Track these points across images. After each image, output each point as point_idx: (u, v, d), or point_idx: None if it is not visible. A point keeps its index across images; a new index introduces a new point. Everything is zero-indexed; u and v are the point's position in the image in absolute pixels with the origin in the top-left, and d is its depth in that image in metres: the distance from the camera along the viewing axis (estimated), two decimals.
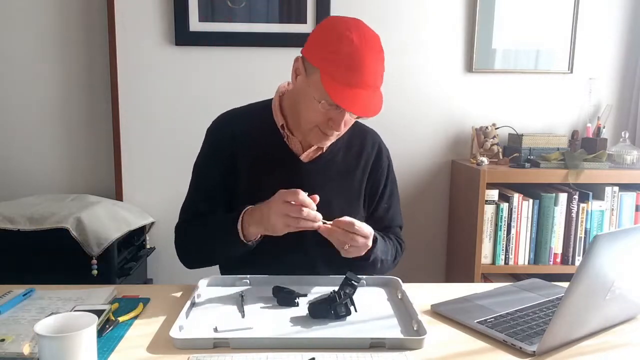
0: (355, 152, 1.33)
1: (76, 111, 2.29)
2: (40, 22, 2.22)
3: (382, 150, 1.38)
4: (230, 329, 0.97)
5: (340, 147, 1.32)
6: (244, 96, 2.25)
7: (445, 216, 2.40)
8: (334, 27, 1.14)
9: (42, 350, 0.78)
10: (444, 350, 0.93)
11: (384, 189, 1.36)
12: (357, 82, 1.10)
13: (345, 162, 1.32)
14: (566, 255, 2.12)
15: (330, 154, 1.30)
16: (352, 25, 1.13)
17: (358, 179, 1.32)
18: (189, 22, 2.19)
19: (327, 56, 1.11)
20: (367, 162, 1.34)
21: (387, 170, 1.37)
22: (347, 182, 1.31)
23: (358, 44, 1.10)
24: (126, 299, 1.14)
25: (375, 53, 1.13)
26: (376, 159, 1.35)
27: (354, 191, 1.32)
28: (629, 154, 2.12)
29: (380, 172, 1.35)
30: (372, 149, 1.35)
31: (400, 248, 1.38)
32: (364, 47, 1.10)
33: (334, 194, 1.27)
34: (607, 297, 0.94)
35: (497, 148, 2.21)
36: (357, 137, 1.35)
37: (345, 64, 1.09)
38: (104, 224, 1.89)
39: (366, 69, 1.10)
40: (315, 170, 1.28)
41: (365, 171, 1.33)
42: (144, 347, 0.93)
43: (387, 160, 1.38)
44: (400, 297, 1.14)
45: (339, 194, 1.29)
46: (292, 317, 1.04)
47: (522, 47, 2.31)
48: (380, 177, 1.36)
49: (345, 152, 1.32)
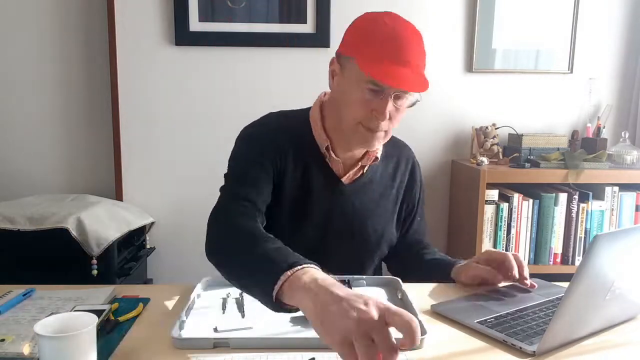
0: (391, 171, 1.31)
1: (76, 111, 2.29)
2: (40, 22, 2.22)
3: (416, 165, 1.36)
4: (230, 329, 0.97)
5: (378, 167, 1.29)
6: (244, 96, 2.27)
7: (445, 216, 2.40)
8: (367, 17, 1.13)
9: (42, 350, 0.78)
10: (443, 350, 0.93)
11: (418, 205, 1.37)
12: (396, 57, 1.06)
13: (382, 182, 1.30)
14: (566, 255, 2.12)
15: (369, 174, 1.27)
16: (385, 13, 1.12)
17: (393, 200, 1.31)
18: (189, 22, 2.19)
19: (362, 41, 1.09)
20: (402, 182, 1.33)
21: (420, 185, 1.37)
22: (383, 202, 1.29)
23: (393, 24, 1.08)
24: (126, 299, 1.14)
25: (412, 33, 1.09)
26: (410, 175, 1.34)
27: (389, 212, 1.31)
28: (629, 154, 2.12)
29: (414, 189, 1.35)
30: (406, 166, 1.34)
31: None
32: (399, 27, 1.08)
33: (372, 216, 1.26)
34: (607, 297, 0.94)
35: (497, 148, 2.21)
36: (392, 155, 1.32)
37: (382, 41, 1.06)
38: (104, 224, 1.89)
39: (404, 44, 1.06)
40: (355, 193, 1.25)
41: (400, 192, 1.33)
42: (144, 347, 0.92)
43: (420, 174, 1.37)
44: (400, 297, 1.14)
45: (376, 216, 1.28)
46: (292, 317, 1.04)
47: (522, 47, 2.31)
48: (415, 194, 1.35)
49: (383, 171, 1.30)
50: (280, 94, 2.25)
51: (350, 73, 1.10)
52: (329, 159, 1.22)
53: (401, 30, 1.07)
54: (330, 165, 1.23)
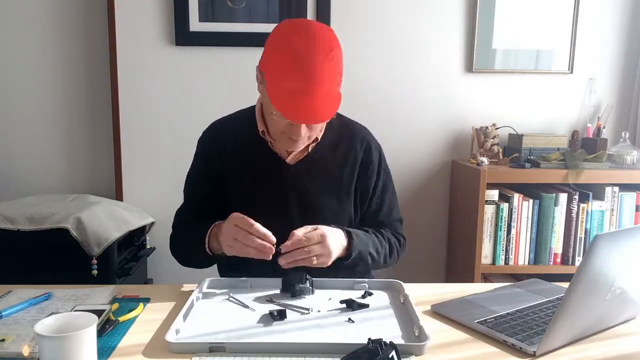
0: (342, 151, 1.32)
1: (76, 111, 2.29)
2: (40, 22, 2.22)
3: (372, 146, 1.35)
4: (227, 333, 0.97)
5: (326, 146, 1.31)
6: (244, 96, 2.25)
7: (445, 216, 2.40)
8: (280, 31, 1.13)
9: (42, 350, 0.78)
10: (444, 351, 0.93)
11: (375, 185, 1.35)
12: (301, 89, 1.07)
13: (333, 161, 1.31)
14: (566, 255, 2.12)
15: (317, 153, 1.29)
16: (297, 27, 1.11)
17: (346, 177, 1.31)
18: (189, 22, 2.19)
19: (271, 64, 1.12)
20: (356, 160, 1.32)
21: (377, 165, 1.35)
22: (334, 180, 1.30)
23: (301, 47, 1.07)
24: (126, 299, 1.14)
25: (321, 52, 1.08)
26: (365, 155, 1.33)
27: (343, 190, 1.31)
28: (629, 154, 2.12)
29: (371, 169, 1.33)
30: (360, 146, 1.33)
31: (398, 242, 1.36)
32: (309, 51, 1.07)
33: (322, 193, 1.28)
34: (607, 297, 0.94)
35: (497, 148, 2.21)
36: (344, 136, 1.33)
37: (288, 70, 1.08)
38: (104, 224, 1.89)
39: (311, 74, 1.07)
40: (302, 171, 1.28)
41: (355, 169, 1.32)
42: (143, 349, 0.93)
43: (378, 155, 1.36)
44: (403, 301, 1.14)
45: (327, 193, 1.29)
46: (289, 321, 1.04)
47: (522, 47, 2.31)
48: (371, 174, 1.33)
49: (332, 151, 1.31)
50: None
51: (267, 92, 1.13)
52: (271, 144, 1.27)
53: (310, 52, 1.07)
54: (274, 150, 1.28)
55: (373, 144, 1.36)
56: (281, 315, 1.04)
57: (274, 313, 1.04)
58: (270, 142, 1.27)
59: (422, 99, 2.32)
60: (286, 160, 1.28)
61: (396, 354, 0.81)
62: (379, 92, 2.26)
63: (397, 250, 1.36)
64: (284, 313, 1.04)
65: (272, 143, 1.27)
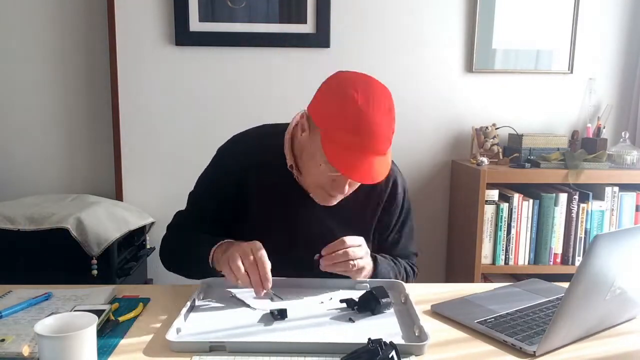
0: (367, 189, 1.25)
1: (76, 111, 2.29)
2: (40, 22, 2.22)
3: (398, 184, 1.31)
4: (227, 332, 0.97)
5: None
6: (244, 96, 2.27)
7: (445, 216, 2.40)
8: (339, 84, 1.08)
9: (42, 350, 0.78)
10: (443, 351, 0.93)
11: (395, 222, 1.33)
12: (360, 147, 1.04)
13: (357, 200, 1.25)
14: (566, 255, 2.12)
15: None
16: (359, 82, 1.07)
17: (369, 216, 1.29)
18: (189, 22, 2.19)
19: (329, 117, 1.06)
20: (381, 199, 1.29)
21: (401, 204, 1.32)
22: (356, 218, 1.27)
23: (363, 104, 1.03)
24: (126, 299, 1.14)
25: (383, 114, 1.05)
26: (390, 195, 1.30)
27: (365, 228, 1.28)
28: (629, 154, 2.12)
29: (393, 207, 1.31)
30: (386, 185, 1.28)
31: (413, 272, 1.37)
32: (370, 109, 1.04)
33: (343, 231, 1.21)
34: (607, 297, 0.94)
35: (497, 148, 2.21)
36: None
37: (348, 127, 1.04)
38: (104, 224, 1.89)
39: (372, 133, 1.04)
40: (324, 208, 1.23)
41: (377, 208, 1.29)
42: (143, 349, 0.93)
43: (403, 193, 1.33)
44: (404, 302, 1.14)
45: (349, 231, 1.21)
46: (289, 320, 1.04)
47: (522, 47, 2.31)
48: (393, 212, 1.31)
49: (358, 190, 1.23)
50: (280, 94, 2.25)
51: (315, 142, 1.10)
52: (297, 177, 1.22)
53: (371, 113, 1.04)
54: (299, 182, 1.22)
55: (399, 182, 1.32)
56: (282, 315, 1.04)
57: (274, 312, 1.04)
58: (296, 176, 1.22)
59: (422, 99, 2.32)
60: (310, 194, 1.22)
61: (396, 354, 0.81)
62: None
63: (411, 280, 1.36)
64: (285, 312, 1.04)
65: (298, 177, 1.22)
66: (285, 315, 1.04)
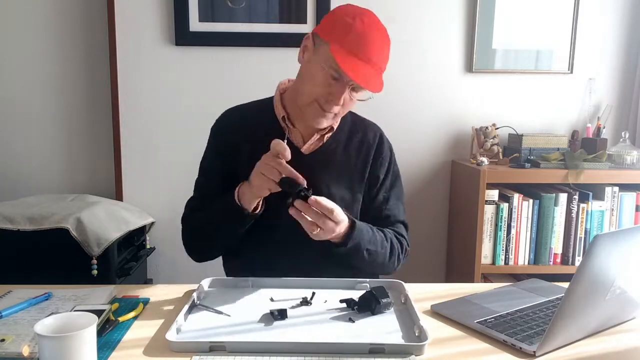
0: (356, 144, 1.34)
1: (76, 111, 2.29)
2: (40, 22, 2.22)
3: (384, 141, 1.38)
4: (227, 332, 0.97)
5: (341, 139, 1.33)
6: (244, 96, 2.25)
7: (445, 216, 2.40)
8: (349, 9, 1.20)
9: (42, 350, 0.78)
10: (444, 351, 0.93)
11: (384, 178, 1.36)
12: (363, 55, 1.14)
13: (347, 153, 1.32)
14: (566, 256, 2.12)
15: (331, 145, 1.31)
16: (365, 12, 1.21)
17: (359, 169, 1.33)
18: (189, 22, 2.19)
19: (338, 30, 1.16)
20: (369, 152, 1.34)
21: (389, 161, 1.37)
22: (348, 172, 1.32)
23: (369, 24, 1.17)
24: (126, 299, 1.14)
25: (383, 36, 1.19)
26: (378, 148, 1.36)
27: (356, 179, 1.33)
28: (629, 154, 2.12)
29: (381, 161, 1.35)
30: (373, 140, 1.36)
31: (400, 245, 1.33)
32: (373, 28, 1.17)
33: (335, 184, 1.29)
34: (607, 297, 0.94)
35: (497, 148, 2.21)
36: (358, 130, 1.36)
37: (355, 37, 1.15)
38: (104, 224, 1.89)
39: (374, 46, 1.16)
40: (316, 161, 1.29)
41: (367, 161, 1.34)
42: (143, 349, 0.93)
43: (390, 152, 1.38)
44: (404, 301, 1.14)
45: (341, 184, 1.30)
46: (289, 320, 1.04)
47: (522, 47, 2.31)
48: (381, 166, 1.35)
49: (346, 144, 1.33)
50: None
51: (321, 54, 1.18)
52: (288, 131, 1.29)
53: (373, 32, 1.18)
54: (290, 136, 1.29)
55: (385, 140, 1.39)
56: (282, 315, 1.04)
57: (274, 312, 1.04)
58: (288, 131, 1.29)
59: (422, 99, 2.32)
60: (301, 149, 1.29)
61: None
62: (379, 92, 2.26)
63: (398, 254, 1.32)
64: (285, 312, 1.04)
65: (290, 130, 1.29)
66: (285, 315, 1.04)
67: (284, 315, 1.04)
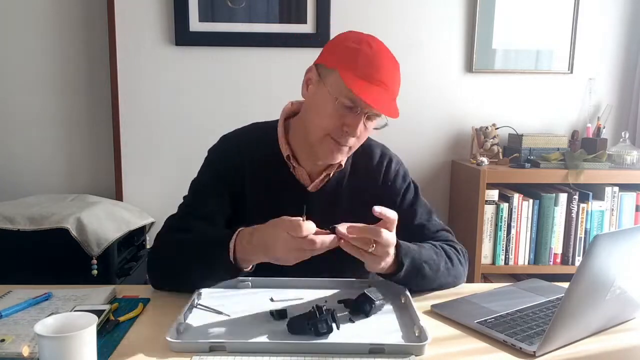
0: (362, 172, 1.26)
1: (76, 111, 2.29)
2: (40, 22, 2.22)
3: (392, 160, 1.30)
4: (227, 332, 0.97)
5: (346, 172, 1.26)
6: (244, 96, 2.27)
7: (445, 216, 2.40)
8: (351, 35, 1.14)
9: (42, 351, 0.77)
10: (444, 351, 0.93)
11: (402, 198, 1.28)
12: (376, 79, 1.08)
13: (353, 185, 1.25)
14: (566, 255, 2.12)
15: (337, 179, 1.24)
16: (370, 37, 1.14)
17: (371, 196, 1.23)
18: (189, 22, 2.19)
19: (346, 56, 1.09)
20: (377, 179, 1.27)
21: (402, 179, 1.29)
22: (358, 204, 1.22)
23: (377, 49, 1.11)
24: (126, 299, 1.14)
25: (392, 61, 1.12)
26: (386, 172, 1.28)
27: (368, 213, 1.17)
28: (629, 154, 2.12)
29: (392, 184, 1.28)
30: (380, 164, 1.28)
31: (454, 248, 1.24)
32: (383, 52, 1.11)
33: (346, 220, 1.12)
34: (607, 297, 0.94)
35: (497, 148, 2.21)
36: (362, 156, 1.27)
37: (366, 61, 1.08)
38: (104, 224, 1.89)
39: (386, 70, 1.09)
40: (323, 200, 1.22)
41: (376, 187, 1.27)
42: (143, 349, 0.92)
43: (401, 171, 1.30)
44: (404, 302, 1.14)
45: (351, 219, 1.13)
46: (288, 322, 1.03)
47: (522, 47, 2.31)
48: (394, 189, 1.28)
49: (352, 175, 1.25)
50: (280, 94, 2.24)
51: (329, 84, 1.11)
52: (293, 169, 1.21)
53: (382, 56, 1.11)
54: (296, 175, 1.22)
55: (393, 159, 1.31)
56: (281, 315, 1.04)
57: (274, 312, 1.04)
58: (293, 168, 1.22)
59: (422, 99, 2.32)
60: (308, 187, 1.22)
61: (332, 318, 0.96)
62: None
63: (457, 256, 1.22)
64: (285, 312, 1.04)
65: (295, 169, 1.22)
66: (285, 315, 1.04)
67: (284, 315, 1.04)
